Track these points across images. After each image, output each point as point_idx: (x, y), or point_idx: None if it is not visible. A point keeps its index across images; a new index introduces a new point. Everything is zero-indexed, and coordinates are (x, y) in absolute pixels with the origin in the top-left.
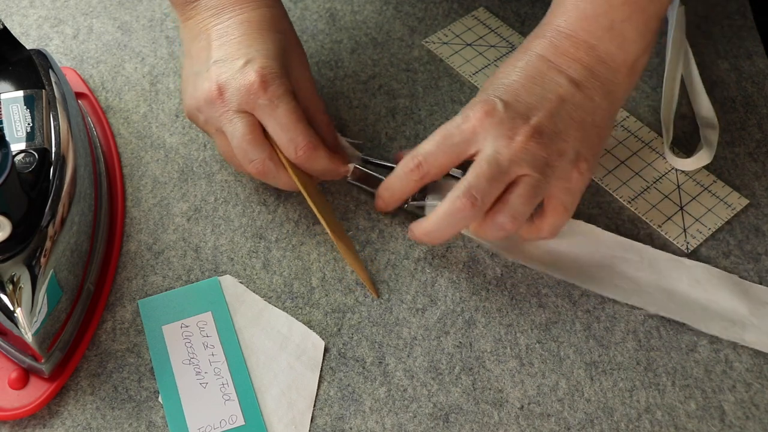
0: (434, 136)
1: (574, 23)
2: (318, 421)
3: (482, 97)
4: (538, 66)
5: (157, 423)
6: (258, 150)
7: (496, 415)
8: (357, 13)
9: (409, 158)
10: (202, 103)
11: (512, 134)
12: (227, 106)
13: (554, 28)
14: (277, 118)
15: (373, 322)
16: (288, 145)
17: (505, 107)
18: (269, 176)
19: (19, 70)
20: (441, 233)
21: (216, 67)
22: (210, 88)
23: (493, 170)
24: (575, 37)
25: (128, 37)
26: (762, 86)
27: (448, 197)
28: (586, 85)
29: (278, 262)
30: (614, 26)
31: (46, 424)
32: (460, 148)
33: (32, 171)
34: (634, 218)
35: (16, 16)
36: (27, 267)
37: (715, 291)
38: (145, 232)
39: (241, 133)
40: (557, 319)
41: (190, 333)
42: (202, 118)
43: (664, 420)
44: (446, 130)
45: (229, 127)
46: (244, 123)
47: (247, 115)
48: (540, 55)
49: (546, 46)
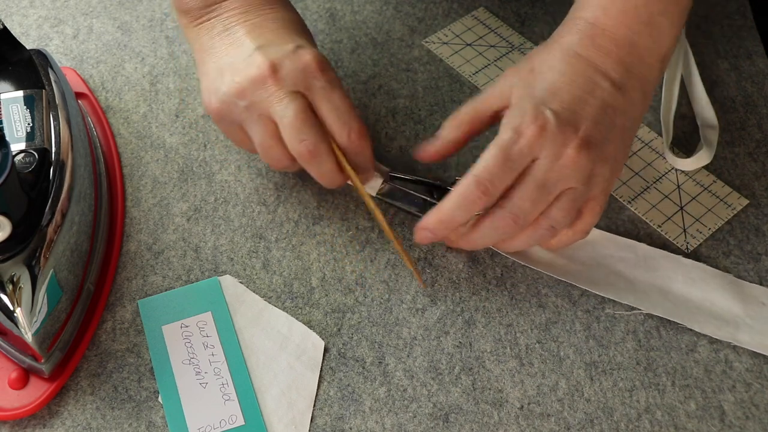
0: (494, 155)
1: (613, 17)
2: (318, 421)
3: (529, 106)
4: (578, 67)
5: (157, 423)
6: (312, 130)
7: (496, 415)
8: (357, 13)
9: (472, 183)
10: (247, 85)
11: (563, 148)
12: (280, 86)
13: (590, 22)
14: (333, 102)
15: (373, 322)
16: (342, 129)
17: (555, 118)
18: (317, 161)
19: (19, 70)
20: (479, 244)
21: (262, 51)
22: (261, 67)
23: (538, 192)
24: (614, 32)
25: (128, 37)
26: (762, 86)
27: (490, 213)
28: (627, 86)
29: (278, 262)
30: (652, 20)
31: (46, 424)
32: (520, 166)
33: (32, 171)
34: (634, 218)
35: (16, 16)
36: (27, 267)
37: (711, 290)
38: (145, 232)
39: (293, 111)
40: (557, 319)
41: (190, 333)
42: (244, 104)
43: (664, 420)
44: (504, 150)
45: (280, 107)
46: (299, 102)
47: (300, 95)
48: (578, 54)
49: (584, 44)
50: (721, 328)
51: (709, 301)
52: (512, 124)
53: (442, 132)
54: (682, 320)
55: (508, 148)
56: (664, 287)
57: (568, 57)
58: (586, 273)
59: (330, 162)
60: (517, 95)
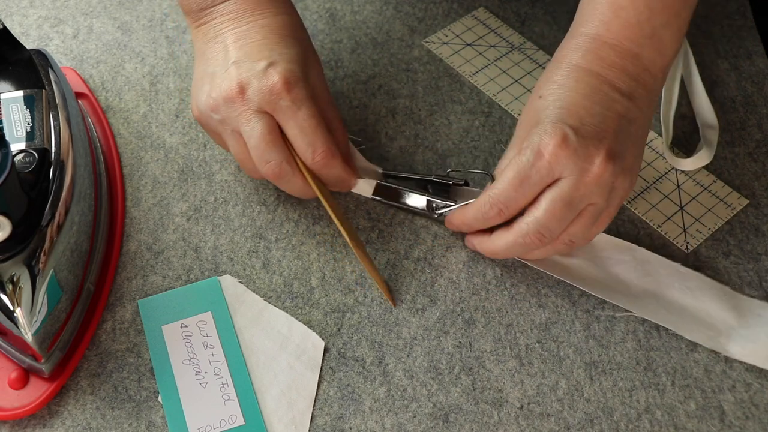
0: (510, 179)
1: (616, 32)
2: (318, 421)
3: (547, 126)
4: (590, 82)
5: (157, 423)
6: (276, 151)
7: (495, 415)
8: (357, 13)
9: (487, 203)
10: (220, 102)
11: (588, 164)
12: (247, 105)
13: (594, 37)
14: (297, 121)
15: (372, 322)
16: (306, 149)
17: (576, 134)
18: (284, 180)
19: (19, 70)
20: (503, 256)
21: (236, 67)
22: (230, 87)
23: (566, 210)
24: (619, 46)
25: (128, 37)
26: (762, 86)
27: (516, 230)
28: (636, 96)
29: (278, 262)
30: (655, 33)
31: (46, 424)
32: (538, 186)
33: (32, 171)
34: (634, 218)
35: (16, 16)
36: (27, 267)
37: (707, 300)
38: (145, 232)
39: (259, 133)
40: (557, 319)
41: (190, 333)
42: (218, 117)
43: (664, 420)
44: (522, 171)
45: (247, 127)
46: (263, 123)
47: (266, 115)
48: (587, 69)
49: (591, 58)
50: (712, 338)
51: (704, 311)
52: (532, 145)
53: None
54: (675, 327)
55: (526, 170)
56: (659, 293)
57: (575, 73)
58: (582, 273)
59: (297, 180)
60: (533, 124)
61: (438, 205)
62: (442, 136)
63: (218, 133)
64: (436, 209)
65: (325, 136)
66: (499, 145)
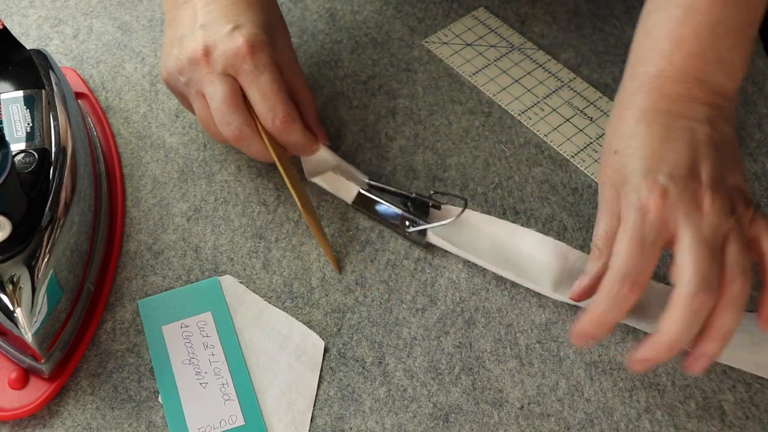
0: (629, 246)
1: (680, 64)
2: (318, 421)
3: (639, 181)
4: (662, 121)
5: (157, 423)
6: (236, 114)
7: (496, 415)
8: (357, 13)
9: (615, 282)
10: (185, 63)
11: (698, 203)
12: (211, 68)
13: (656, 75)
14: (259, 85)
15: (373, 322)
16: (266, 114)
17: (671, 180)
18: (244, 143)
19: (19, 70)
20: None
21: (203, 30)
22: (196, 49)
23: (707, 251)
24: (684, 78)
25: (128, 37)
26: (762, 86)
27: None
28: (713, 120)
29: (278, 262)
30: (722, 58)
31: (46, 424)
32: (658, 244)
33: (32, 171)
34: None
35: (16, 16)
36: (27, 267)
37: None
38: (145, 232)
39: (221, 95)
40: (557, 319)
41: (190, 333)
42: (183, 80)
43: (664, 420)
44: (637, 234)
45: (210, 89)
46: (226, 86)
47: (229, 78)
48: (655, 109)
49: (656, 97)
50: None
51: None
52: (633, 206)
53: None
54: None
55: (640, 232)
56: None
57: (644, 117)
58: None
59: (257, 144)
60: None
61: (411, 223)
62: (442, 136)
63: (184, 95)
64: (408, 227)
65: (285, 102)
66: (498, 145)
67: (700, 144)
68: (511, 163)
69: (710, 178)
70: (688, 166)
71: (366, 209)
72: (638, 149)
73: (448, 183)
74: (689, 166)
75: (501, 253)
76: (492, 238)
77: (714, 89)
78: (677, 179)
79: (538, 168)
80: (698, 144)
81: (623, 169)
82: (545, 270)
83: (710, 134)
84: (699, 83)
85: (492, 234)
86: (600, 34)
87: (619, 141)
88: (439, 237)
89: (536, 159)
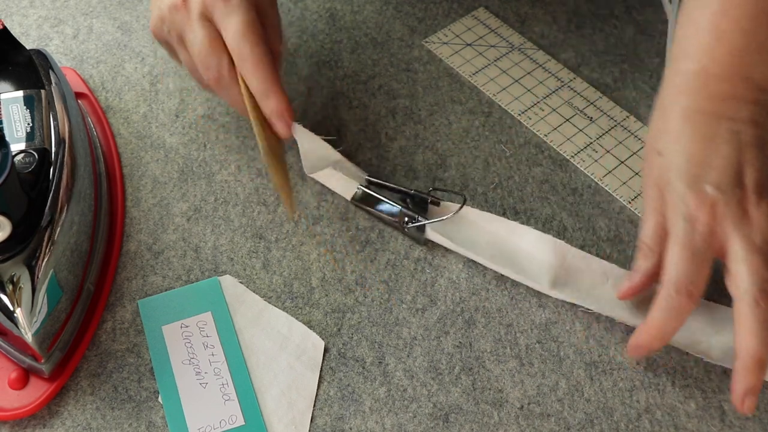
0: (681, 257)
1: (722, 59)
2: (318, 421)
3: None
4: (707, 122)
5: (157, 423)
6: (215, 58)
7: (496, 415)
8: (357, 13)
9: (672, 291)
10: (166, 11)
11: (745, 211)
12: (189, 13)
13: (698, 72)
14: (229, 28)
15: (373, 322)
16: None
17: (718, 190)
18: (222, 88)
19: (19, 70)
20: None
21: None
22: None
23: (761, 258)
24: (727, 74)
25: (128, 37)
26: None
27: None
28: (758, 119)
29: (278, 262)
30: (763, 47)
31: (46, 424)
32: (710, 253)
33: (32, 171)
34: (634, 218)
35: (16, 16)
36: (27, 267)
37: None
38: (145, 232)
39: (200, 39)
40: (557, 319)
41: (190, 333)
42: (167, 29)
43: (664, 420)
44: (688, 245)
45: (190, 35)
46: (205, 31)
47: (208, 23)
48: (701, 110)
49: (702, 98)
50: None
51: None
52: (682, 215)
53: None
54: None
55: (690, 242)
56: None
57: (689, 118)
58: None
59: (234, 91)
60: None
61: (410, 219)
62: (442, 136)
63: (171, 45)
64: (406, 223)
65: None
66: (498, 145)
67: (745, 146)
68: (511, 163)
69: (755, 182)
70: (733, 172)
71: (365, 205)
72: (682, 152)
73: (448, 183)
74: (735, 172)
75: (499, 249)
76: (491, 235)
77: (758, 85)
78: (724, 188)
79: (538, 168)
80: (743, 146)
81: (668, 172)
82: (544, 267)
83: (755, 134)
84: (743, 80)
85: (491, 231)
86: (600, 34)
87: (663, 142)
88: (438, 233)
89: (536, 159)
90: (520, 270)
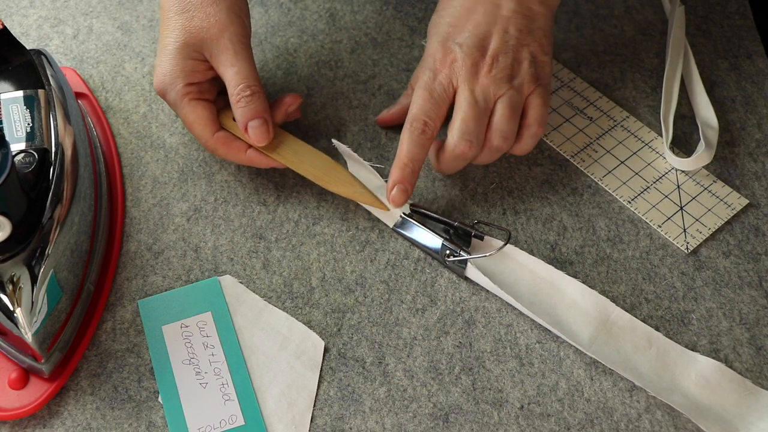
0: (421, 97)
1: None
2: (318, 421)
3: (436, 44)
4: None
5: (157, 423)
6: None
7: (496, 415)
8: (357, 13)
9: (413, 124)
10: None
11: (476, 70)
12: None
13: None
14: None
15: (373, 322)
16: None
17: (460, 48)
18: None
19: (19, 70)
20: (451, 170)
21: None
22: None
23: (474, 110)
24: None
25: (128, 37)
26: (762, 86)
27: (449, 145)
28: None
29: (278, 262)
30: None
31: (46, 424)
32: (446, 95)
33: (32, 171)
34: (634, 218)
35: (16, 16)
36: (27, 267)
37: (724, 394)
38: (145, 232)
39: (184, 123)
40: None
41: (190, 333)
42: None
43: (664, 420)
44: (427, 87)
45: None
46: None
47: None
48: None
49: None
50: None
51: (720, 406)
52: (429, 64)
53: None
54: (693, 417)
55: (430, 86)
56: (675, 382)
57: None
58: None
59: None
60: (429, 38)
61: (451, 252)
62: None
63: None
64: (448, 256)
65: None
66: None
67: (500, 18)
68: (511, 163)
69: (495, 49)
70: (478, 38)
71: (406, 232)
72: (449, 16)
73: (448, 183)
74: (480, 39)
75: (539, 297)
76: (532, 279)
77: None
78: (465, 49)
79: (538, 168)
80: (498, 19)
81: (435, 28)
82: (584, 322)
83: (512, 11)
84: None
85: (533, 273)
86: (600, 34)
87: (443, 6)
88: (479, 270)
89: (536, 159)
90: (557, 322)
